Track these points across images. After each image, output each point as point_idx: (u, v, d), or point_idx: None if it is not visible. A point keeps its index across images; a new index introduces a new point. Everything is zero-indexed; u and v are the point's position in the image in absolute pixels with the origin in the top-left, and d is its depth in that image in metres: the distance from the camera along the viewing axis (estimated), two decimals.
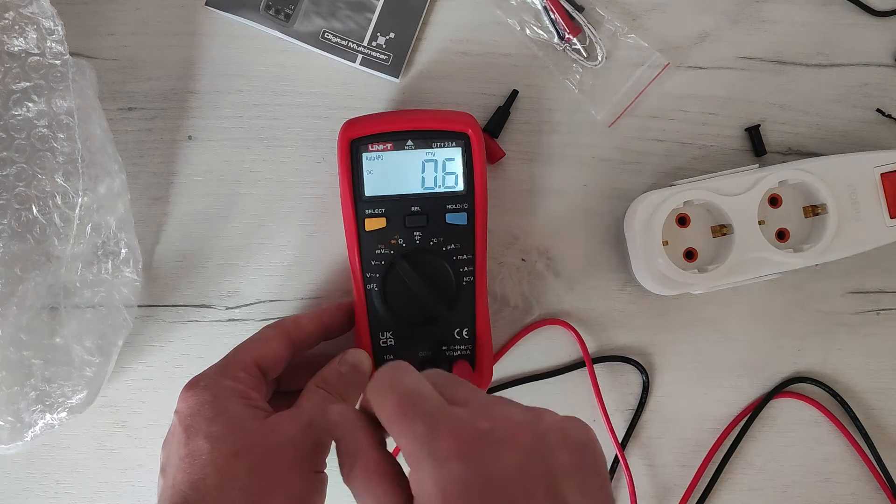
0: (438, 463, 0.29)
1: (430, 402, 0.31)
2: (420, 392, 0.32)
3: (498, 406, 0.32)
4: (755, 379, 0.48)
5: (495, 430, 0.30)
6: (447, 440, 0.30)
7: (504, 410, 0.32)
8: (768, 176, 0.44)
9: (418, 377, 0.33)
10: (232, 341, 0.41)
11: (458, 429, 0.30)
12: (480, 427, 0.30)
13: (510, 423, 0.31)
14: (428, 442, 0.30)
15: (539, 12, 0.47)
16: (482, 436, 0.30)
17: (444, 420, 0.30)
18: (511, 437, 0.30)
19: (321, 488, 0.39)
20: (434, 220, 0.43)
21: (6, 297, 0.42)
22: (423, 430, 0.30)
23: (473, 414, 0.31)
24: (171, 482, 0.36)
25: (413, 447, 0.30)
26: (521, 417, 0.31)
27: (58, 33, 0.42)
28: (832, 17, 0.48)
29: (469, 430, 0.30)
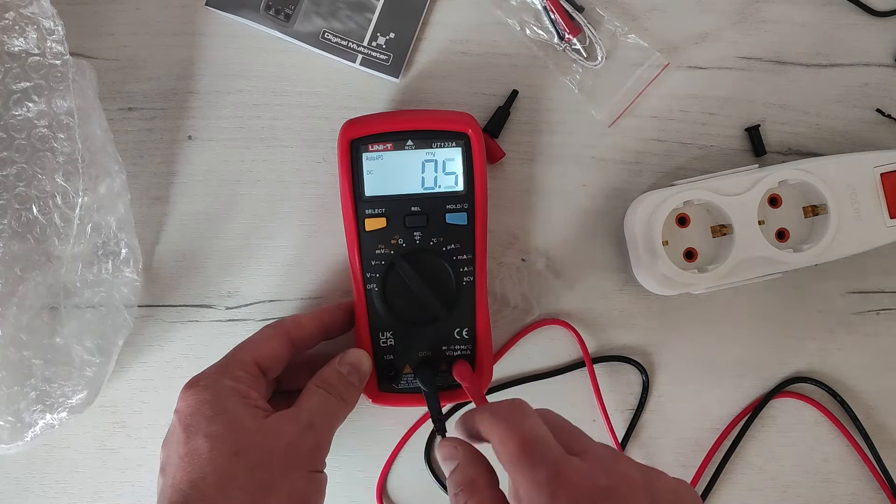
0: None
1: (552, 450, 0.32)
2: (543, 438, 0.33)
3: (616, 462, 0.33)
4: (755, 379, 0.48)
5: (615, 487, 0.31)
6: (568, 492, 0.31)
7: (622, 467, 0.33)
8: (768, 176, 0.44)
9: (539, 421, 0.34)
10: (232, 341, 0.41)
11: (579, 483, 0.31)
12: (601, 483, 0.31)
13: (628, 482, 0.32)
14: (550, 491, 0.31)
15: (539, 12, 0.47)
16: (602, 492, 0.31)
17: (566, 471, 0.32)
18: (629, 496, 0.31)
19: (321, 488, 0.39)
20: (434, 220, 0.43)
21: (6, 297, 0.42)
22: (545, 478, 0.31)
23: (594, 469, 0.32)
24: (170, 481, 0.36)
25: (533, 493, 0.31)
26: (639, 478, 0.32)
27: (58, 33, 0.42)
28: (832, 17, 0.48)
29: (590, 485, 0.31)
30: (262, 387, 0.40)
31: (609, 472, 0.32)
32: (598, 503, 0.31)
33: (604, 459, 0.33)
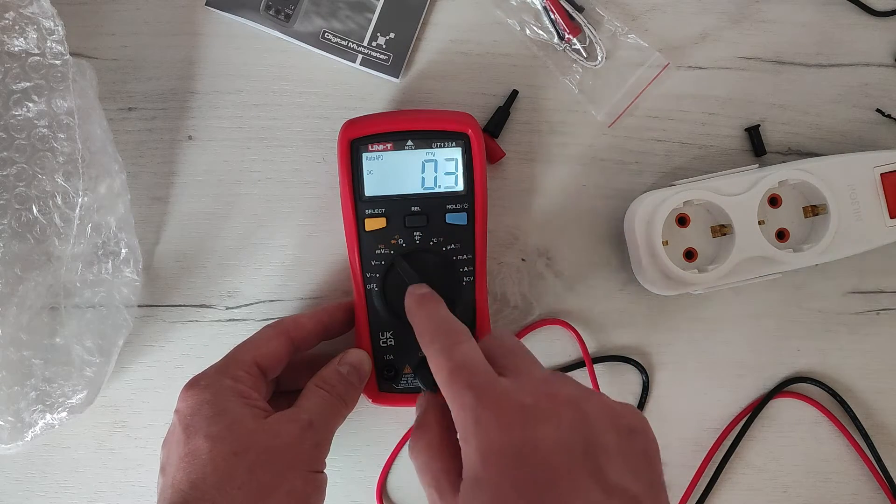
0: (482, 431, 0.31)
1: (480, 374, 0.33)
2: (472, 363, 0.33)
3: (546, 382, 0.33)
4: (755, 379, 0.48)
5: (538, 404, 0.31)
6: (490, 412, 0.31)
7: (551, 387, 0.33)
8: (768, 176, 0.44)
9: (471, 347, 0.34)
10: (232, 341, 0.41)
11: (502, 402, 0.31)
12: (523, 401, 0.31)
13: (554, 399, 0.32)
14: (474, 414, 0.31)
15: (539, 12, 0.47)
16: (524, 409, 0.31)
17: (490, 392, 0.32)
18: (553, 412, 0.31)
19: (321, 488, 0.39)
20: (434, 220, 0.43)
21: (6, 297, 0.42)
22: (470, 402, 0.32)
23: (520, 387, 0.32)
24: (170, 481, 0.36)
25: (460, 415, 0.32)
26: (568, 395, 0.32)
27: (58, 33, 0.42)
28: (832, 17, 0.48)
29: (512, 403, 0.31)
30: (262, 387, 0.40)
31: (535, 390, 0.32)
32: (520, 419, 0.31)
33: (534, 379, 0.33)
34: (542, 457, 0.30)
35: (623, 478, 0.30)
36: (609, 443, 0.31)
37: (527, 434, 0.30)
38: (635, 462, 0.31)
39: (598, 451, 0.31)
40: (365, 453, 0.48)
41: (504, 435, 0.31)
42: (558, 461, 0.30)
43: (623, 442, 0.31)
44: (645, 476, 0.31)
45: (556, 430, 0.31)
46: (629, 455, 0.31)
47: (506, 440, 0.30)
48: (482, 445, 0.31)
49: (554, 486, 0.30)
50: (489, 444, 0.31)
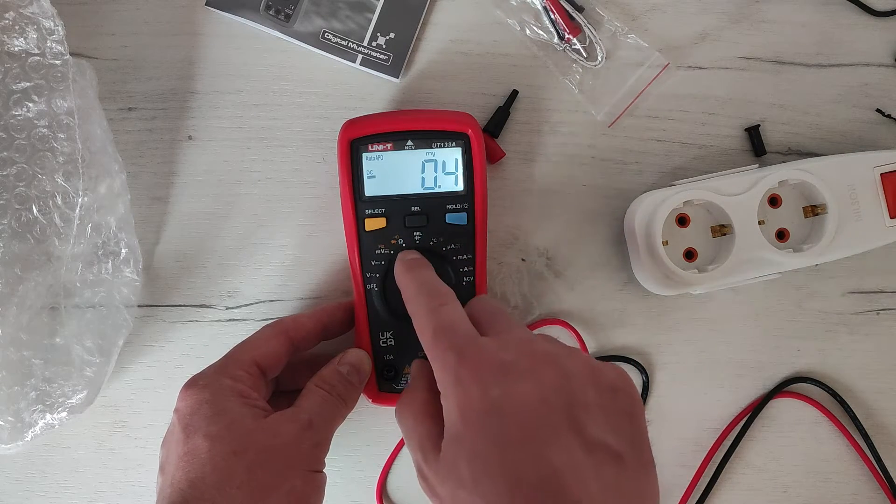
0: (462, 390, 0.31)
1: (462, 334, 0.33)
2: (454, 324, 0.34)
3: (527, 341, 0.33)
4: (755, 379, 0.48)
5: (518, 361, 0.32)
6: (470, 370, 0.31)
7: (532, 345, 0.33)
8: (768, 176, 0.44)
9: (454, 308, 0.35)
10: (232, 341, 0.42)
11: (482, 359, 0.32)
12: (504, 358, 0.32)
13: (534, 356, 0.32)
14: (455, 373, 0.32)
15: (539, 12, 0.47)
16: (504, 366, 0.31)
17: (471, 351, 0.32)
18: (533, 369, 0.31)
19: (320, 488, 0.39)
20: (434, 220, 0.43)
21: (6, 297, 0.42)
22: (452, 361, 0.32)
23: (501, 346, 0.33)
24: (169, 480, 0.36)
25: (441, 374, 0.32)
26: (549, 352, 0.32)
27: (58, 33, 0.42)
28: (832, 17, 0.48)
29: (492, 360, 0.32)
30: (262, 386, 0.40)
31: (515, 348, 0.32)
32: (500, 376, 0.31)
33: (515, 338, 0.33)
34: (522, 413, 0.30)
35: (604, 434, 0.30)
36: (590, 400, 0.31)
37: (506, 390, 0.31)
38: (617, 419, 0.31)
39: (578, 407, 0.30)
40: (365, 453, 0.48)
41: (483, 392, 0.31)
42: (538, 417, 0.30)
43: (605, 399, 0.31)
44: (627, 433, 0.31)
45: (535, 387, 0.31)
46: (611, 412, 0.31)
47: (485, 397, 0.31)
48: (461, 403, 0.31)
49: (533, 441, 0.30)
50: (468, 402, 0.31)
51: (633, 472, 0.30)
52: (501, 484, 0.29)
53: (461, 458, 0.31)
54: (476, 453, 0.30)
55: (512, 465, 0.29)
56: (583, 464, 0.29)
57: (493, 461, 0.30)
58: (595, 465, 0.30)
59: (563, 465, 0.29)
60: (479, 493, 0.30)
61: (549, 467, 0.29)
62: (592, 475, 0.29)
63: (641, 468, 0.31)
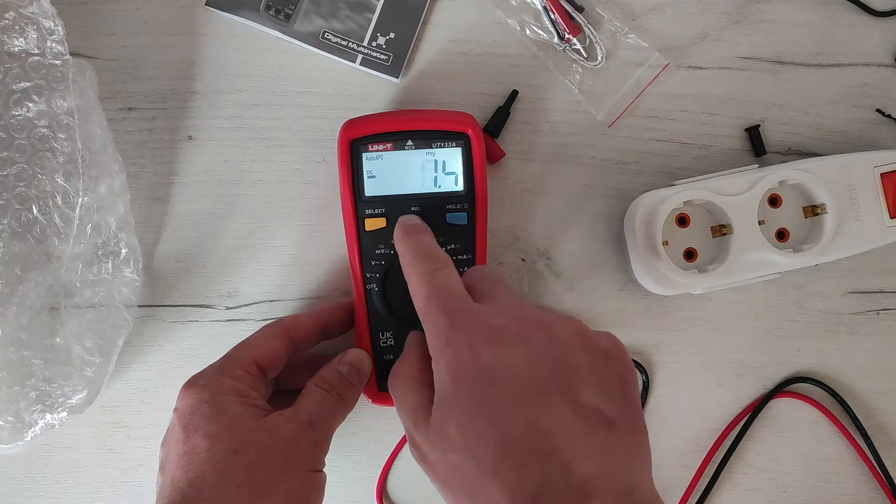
0: (452, 353, 0.31)
1: (456, 299, 0.33)
2: (449, 288, 0.34)
3: (520, 307, 0.33)
4: (755, 379, 0.48)
5: (509, 326, 0.32)
6: (461, 334, 0.31)
7: (524, 311, 0.33)
8: (768, 176, 0.44)
9: (450, 273, 0.35)
10: (232, 341, 0.42)
11: (473, 324, 0.32)
12: (495, 323, 0.32)
13: (526, 321, 0.32)
14: (446, 335, 0.32)
15: (539, 12, 0.47)
16: (496, 330, 0.31)
17: (463, 315, 0.32)
18: (524, 334, 0.31)
19: (320, 487, 0.39)
20: (434, 220, 0.43)
21: (6, 297, 0.42)
22: (444, 324, 0.32)
23: (492, 311, 0.32)
24: (169, 480, 0.36)
25: (433, 339, 0.32)
26: (541, 319, 0.32)
27: (58, 33, 0.42)
28: (832, 17, 0.48)
29: (484, 325, 0.32)
30: (262, 386, 0.40)
31: (507, 313, 0.32)
32: (491, 341, 0.31)
33: (508, 304, 0.33)
34: (512, 377, 0.30)
35: (596, 400, 0.30)
36: (582, 365, 0.31)
37: (496, 354, 0.30)
38: (609, 385, 0.31)
39: (569, 372, 0.30)
40: (365, 453, 0.48)
41: (474, 355, 0.31)
42: (528, 381, 0.30)
43: (597, 365, 0.31)
44: (619, 399, 0.31)
45: (526, 351, 0.31)
46: (603, 378, 0.31)
47: (476, 360, 0.30)
48: (452, 366, 0.31)
49: (523, 404, 0.29)
50: (458, 365, 0.31)
51: (625, 436, 0.30)
52: (491, 445, 0.29)
53: (451, 421, 0.30)
54: (466, 416, 0.30)
55: (501, 427, 0.29)
56: (573, 427, 0.29)
57: (482, 423, 0.29)
58: (585, 428, 0.29)
59: (553, 427, 0.29)
60: (468, 455, 0.29)
61: (538, 429, 0.29)
62: (582, 438, 0.29)
63: (633, 433, 0.30)
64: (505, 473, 0.29)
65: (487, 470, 0.29)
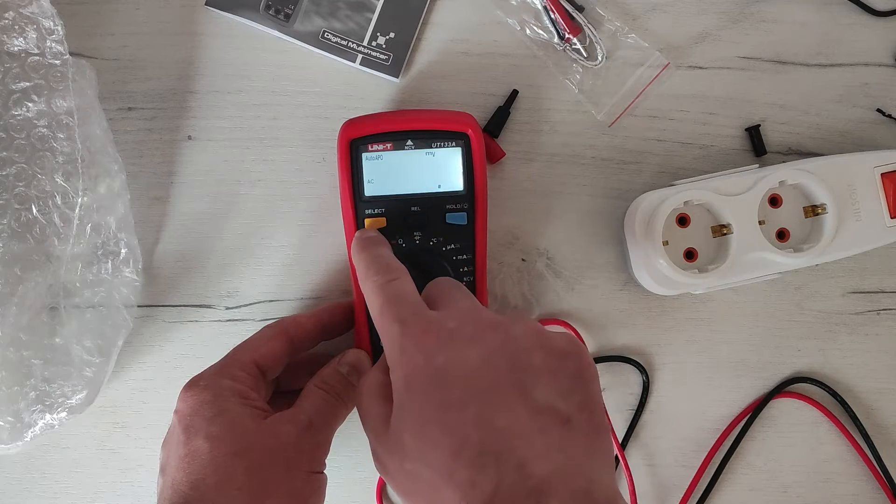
0: (406, 359, 0.31)
1: (409, 306, 0.33)
2: (403, 296, 0.33)
3: (473, 310, 0.33)
4: (755, 379, 0.48)
5: (461, 328, 0.31)
6: (414, 339, 0.31)
7: (477, 313, 0.32)
8: (768, 176, 0.44)
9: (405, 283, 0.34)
10: (232, 341, 0.41)
11: (426, 327, 0.31)
12: (448, 326, 0.31)
13: (479, 323, 0.32)
14: (400, 342, 0.31)
15: (539, 12, 0.47)
16: (449, 333, 0.31)
17: (416, 322, 0.32)
18: (477, 335, 0.31)
19: (320, 488, 0.39)
20: (434, 220, 0.43)
21: (6, 297, 0.42)
22: (397, 332, 0.32)
23: (445, 315, 0.32)
24: (170, 482, 0.36)
25: (388, 348, 0.32)
26: (494, 320, 0.32)
27: (58, 33, 0.42)
28: (832, 17, 0.48)
29: (437, 328, 0.31)
30: (262, 387, 0.40)
31: (461, 316, 0.32)
32: (444, 343, 0.31)
33: (461, 308, 0.33)
34: (466, 377, 0.30)
35: (552, 398, 0.30)
36: (537, 363, 0.30)
37: (449, 357, 0.30)
38: (565, 383, 0.30)
39: (524, 371, 0.30)
40: (365, 453, 0.48)
41: (427, 359, 0.30)
42: (481, 381, 0.30)
43: (553, 363, 0.31)
44: (576, 397, 0.30)
45: (480, 352, 0.30)
46: (559, 376, 0.30)
47: (429, 364, 0.30)
48: (406, 371, 0.31)
49: (476, 404, 0.29)
50: (413, 370, 0.30)
51: (582, 434, 0.29)
52: (445, 449, 0.29)
53: (406, 428, 0.30)
54: (420, 421, 0.30)
55: (455, 430, 0.29)
56: (528, 426, 0.29)
57: (435, 427, 0.29)
58: (541, 427, 0.29)
59: (508, 426, 0.29)
60: (423, 462, 0.29)
61: (492, 429, 0.28)
62: (538, 436, 0.29)
63: (592, 432, 0.30)
64: (459, 476, 0.28)
65: (442, 474, 0.28)
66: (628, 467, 0.47)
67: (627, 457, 0.48)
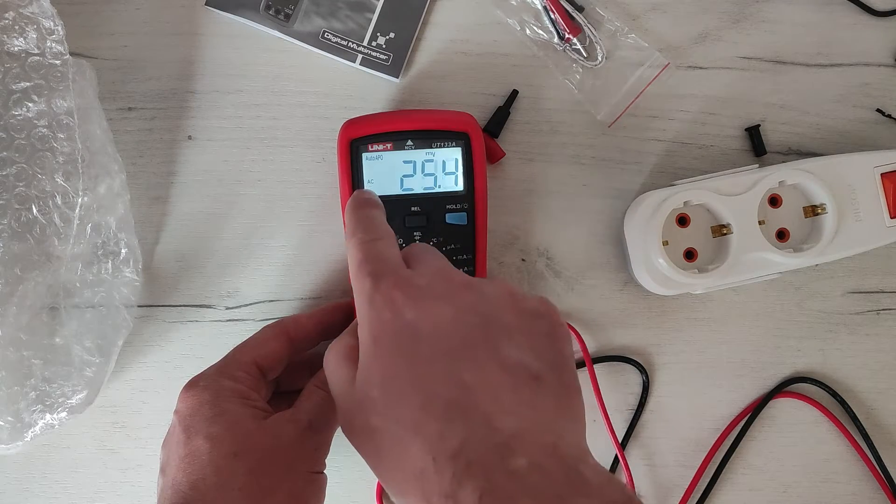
0: (375, 313, 0.30)
1: (386, 263, 0.32)
2: (382, 256, 0.33)
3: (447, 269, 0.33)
4: (755, 379, 0.48)
5: (434, 286, 0.31)
6: (384, 293, 0.31)
7: (449, 273, 0.32)
8: (768, 176, 0.44)
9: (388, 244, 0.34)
10: (232, 341, 0.42)
11: (398, 283, 0.31)
12: (418, 283, 0.31)
13: (451, 281, 0.32)
14: (369, 296, 0.31)
15: (539, 12, 0.47)
16: (420, 289, 0.31)
17: (388, 276, 0.31)
18: (449, 293, 0.31)
19: (321, 489, 0.39)
20: (434, 220, 0.43)
21: (6, 297, 0.42)
22: (368, 285, 0.31)
23: (418, 273, 0.32)
24: (170, 482, 0.36)
25: (358, 302, 0.32)
26: (466, 280, 0.32)
27: (58, 33, 0.42)
28: (832, 17, 0.48)
29: (408, 284, 0.31)
30: (262, 387, 0.40)
31: (433, 274, 0.32)
32: (414, 300, 0.30)
33: (436, 267, 0.33)
34: (435, 333, 0.29)
35: (523, 355, 0.29)
36: (509, 322, 0.30)
37: (420, 313, 0.30)
38: (537, 342, 0.30)
39: (495, 329, 0.30)
40: None
41: (396, 314, 0.30)
42: (451, 337, 0.29)
43: (524, 322, 0.31)
44: (547, 356, 0.30)
45: (451, 308, 0.30)
46: (531, 335, 0.30)
47: (398, 319, 0.30)
48: (374, 327, 0.30)
49: (446, 359, 0.29)
50: (381, 325, 0.30)
51: (552, 392, 0.29)
52: (412, 403, 0.28)
53: (373, 383, 0.30)
54: (387, 375, 0.29)
55: (423, 384, 0.28)
56: (498, 382, 0.28)
57: (403, 381, 0.29)
58: (511, 383, 0.29)
59: (477, 382, 0.28)
60: (390, 417, 0.29)
61: (461, 384, 0.28)
62: (507, 393, 0.28)
63: (562, 390, 0.30)
64: (426, 430, 0.28)
65: (408, 428, 0.28)
66: (628, 467, 0.47)
67: (627, 457, 0.48)
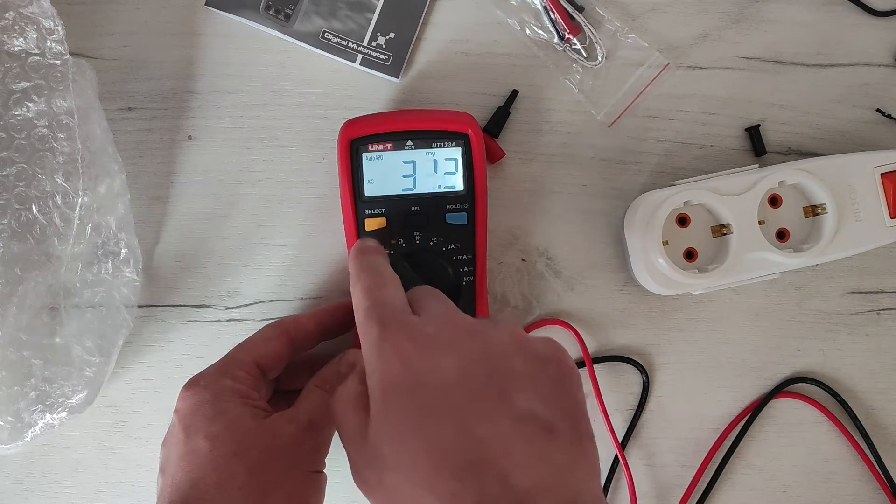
0: (383, 364, 0.30)
1: (392, 311, 0.32)
2: (388, 303, 0.33)
3: (452, 315, 0.32)
4: (755, 379, 0.48)
5: (439, 334, 0.31)
6: (392, 342, 0.30)
7: (455, 319, 0.32)
8: (768, 176, 0.44)
9: (394, 290, 0.34)
10: (232, 341, 0.41)
11: (405, 332, 0.31)
12: (426, 331, 0.31)
13: (457, 328, 0.31)
14: (378, 346, 0.31)
15: (539, 12, 0.47)
16: (427, 338, 0.30)
17: (394, 325, 0.31)
18: (455, 341, 0.30)
19: (320, 488, 0.39)
20: (434, 220, 0.43)
21: (6, 297, 0.42)
22: (375, 333, 0.31)
23: (424, 320, 0.32)
24: (170, 481, 0.36)
25: (366, 351, 0.31)
26: (472, 326, 0.31)
27: (58, 33, 0.42)
28: (832, 17, 0.48)
29: (415, 333, 0.31)
30: (262, 387, 0.40)
31: (438, 321, 0.31)
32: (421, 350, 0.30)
33: (440, 314, 0.32)
34: (444, 386, 0.29)
35: (533, 405, 0.29)
36: (517, 369, 0.30)
37: (426, 364, 0.29)
38: (547, 389, 0.30)
39: (504, 378, 0.29)
40: None
41: (405, 366, 0.30)
42: (460, 389, 0.29)
43: (533, 369, 0.30)
44: (558, 403, 0.29)
45: (458, 359, 0.30)
46: (540, 382, 0.30)
47: (407, 371, 0.29)
48: (383, 378, 0.30)
49: (456, 414, 0.28)
50: (390, 377, 0.30)
51: (567, 443, 0.28)
52: (425, 461, 0.28)
53: (385, 439, 0.29)
54: (398, 432, 0.29)
55: (435, 441, 0.28)
56: (509, 435, 0.28)
57: (414, 437, 0.28)
58: (524, 436, 0.28)
59: (489, 436, 0.28)
60: (403, 475, 0.28)
61: (473, 439, 0.28)
62: (520, 446, 0.28)
63: (576, 439, 0.29)
64: (439, 489, 0.27)
65: (422, 487, 0.28)
66: (628, 467, 0.47)
67: (627, 457, 0.48)
